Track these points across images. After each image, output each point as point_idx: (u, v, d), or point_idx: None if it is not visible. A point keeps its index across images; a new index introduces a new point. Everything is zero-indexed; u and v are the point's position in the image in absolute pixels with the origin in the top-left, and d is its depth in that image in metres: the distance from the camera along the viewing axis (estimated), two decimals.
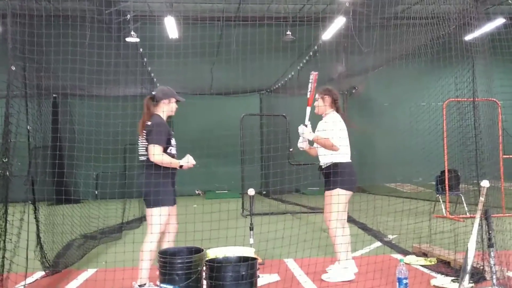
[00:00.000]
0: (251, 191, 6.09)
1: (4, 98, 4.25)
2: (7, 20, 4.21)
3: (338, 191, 4.82)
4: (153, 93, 4.58)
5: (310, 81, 5.05)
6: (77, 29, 5.82)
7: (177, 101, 4.65)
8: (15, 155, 4.33)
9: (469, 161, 5.50)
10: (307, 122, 5.02)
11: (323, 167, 5.01)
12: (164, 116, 4.56)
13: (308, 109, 5.05)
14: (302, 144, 5.11)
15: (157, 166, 4.33)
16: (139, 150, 4.48)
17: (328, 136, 4.89)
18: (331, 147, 4.87)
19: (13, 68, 4.20)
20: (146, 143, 4.36)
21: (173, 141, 4.51)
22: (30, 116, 4.77)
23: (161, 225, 4.35)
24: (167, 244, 4.48)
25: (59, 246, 5.74)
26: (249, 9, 14.60)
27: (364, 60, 12.22)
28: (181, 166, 4.40)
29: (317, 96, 5.15)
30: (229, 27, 12.59)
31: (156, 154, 4.26)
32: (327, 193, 4.93)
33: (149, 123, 4.41)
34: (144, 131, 4.39)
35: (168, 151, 4.42)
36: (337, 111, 5.15)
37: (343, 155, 4.93)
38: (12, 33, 4.25)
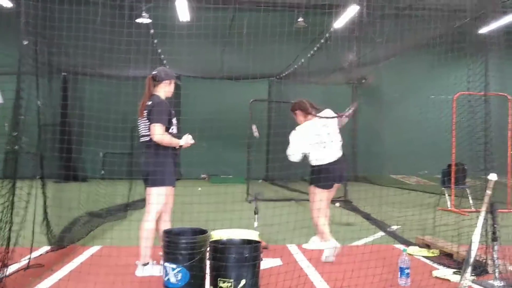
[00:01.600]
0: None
1: (15, 74, 4.27)
2: None
3: (313, 187, 5.44)
4: (154, 73, 4.56)
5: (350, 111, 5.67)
6: (89, 7, 5.80)
7: (175, 84, 4.67)
8: (24, 130, 4.37)
9: (477, 154, 5.46)
10: None
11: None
12: (163, 96, 4.55)
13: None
14: None
15: (158, 146, 4.33)
16: (141, 131, 4.47)
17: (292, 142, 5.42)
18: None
19: (25, 43, 4.20)
20: (148, 123, 4.35)
21: (174, 121, 4.52)
22: (40, 92, 4.79)
23: (160, 205, 4.39)
24: (164, 224, 4.51)
25: (65, 222, 5.81)
26: None
27: (375, 50, 12.11)
28: (180, 146, 4.41)
29: (292, 113, 5.67)
30: (241, 12, 12.50)
31: (157, 133, 4.27)
32: (309, 186, 5.58)
33: (149, 103, 4.41)
34: (145, 111, 4.39)
35: (170, 130, 4.43)
36: (315, 113, 5.54)
37: (315, 160, 5.38)
38: (26, 8, 4.24)
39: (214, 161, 15.29)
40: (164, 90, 4.55)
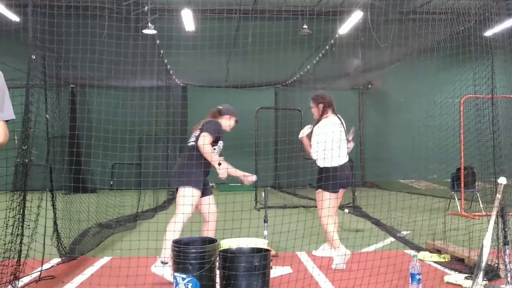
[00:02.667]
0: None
1: (24, 87, 4.33)
2: (28, 9, 4.27)
3: (320, 191, 5.31)
4: (220, 107, 5.09)
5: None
6: (95, 20, 5.87)
7: (235, 121, 5.13)
8: (33, 143, 4.42)
9: (486, 158, 5.43)
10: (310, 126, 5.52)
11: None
12: (224, 127, 5.03)
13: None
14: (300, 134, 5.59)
15: (195, 152, 4.67)
16: (189, 142, 4.91)
17: (313, 142, 5.29)
18: (309, 154, 5.37)
19: (33, 57, 4.26)
20: (199, 134, 4.75)
21: (220, 143, 4.92)
22: (49, 105, 4.85)
23: (190, 206, 4.57)
24: (207, 233, 4.70)
25: (75, 234, 5.84)
26: (265, 2, 14.55)
27: (380, 55, 12.11)
28: (219, 164, 4.73)
29: (311, 103, 5.56)
30: (245, 20, 12.57)
31: (202, 142, 4.63)
32: (316, 192, 5.46)
33: (208, 120, 4.92)
34: (201, 126, 4.82)
35: (213, 149, 4.78)
36: (334, 112, 5.47)
37: (328, 160, 5.24)
38: (33, 22, 4.31)
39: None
40: (224, 123, 5.01)
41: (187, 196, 4.58)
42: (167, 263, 4.46)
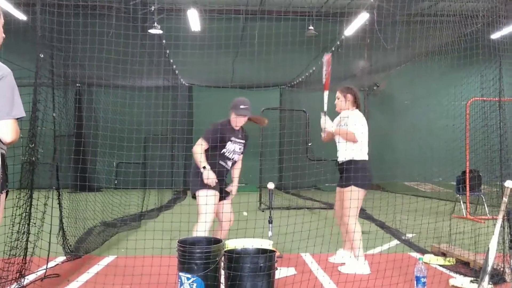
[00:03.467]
0: (270, 185, 6.14)
1: (31, 86, 4.35)
2: (37, 8, 4.29)
3: (351, 188, 4.86)
4: (235, 100, 4.85)
5: (324, 64, 5.03)
6: (103, 19, 5.89)
7: (240, 116, 4.78)
8: (40, 142, 4.44)
9: (492, 161, 5.41)
10: (326, 109, 5.06)
11: (340, 163, 5.08)
12: (231, 122, 4.82)
13: (326, 93, 5.00)
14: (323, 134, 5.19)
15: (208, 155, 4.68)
16: None
17: (353, 130, 4.91)
18: (352, 139, 4.89)
19: (42, 56, 4.28)
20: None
21: (229, 144, 4.78)
22: (56, 104, 4.87)
23: (210, 206, 4.55)
24: (220, 233, 4.75)
25: (81, 232, 5.85)
26: (272, 3, 14.55)
27: (387, 57, 12.08)
28: (204, 167, 4.62)
29: (338, 94, 5.23)
30: (251, 21, 12.57)
31: (194, 145, 4.71)
32: (343, 189, 4.96)
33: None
34: None
35: (223, 152, 4.76)
36: (358, 108, 5.20)
37: (361, 152, 4.98)
38: (41, 21, 4.33)
39: None
40: (232, 120, 4.82)
41: (202, 196, 4.60)
42: None
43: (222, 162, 4.80)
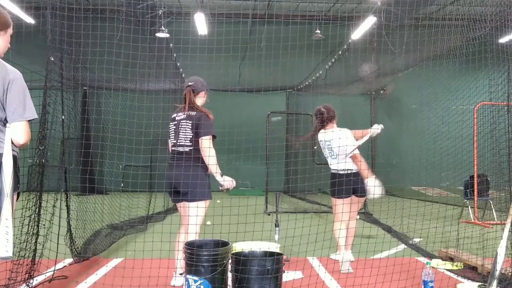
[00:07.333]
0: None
1: (41, 89, 4.39)
2: (47, 11, 4.33)
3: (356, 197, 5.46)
4: (192, 83, 4.57)
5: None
6: (111, 23, 5.94)
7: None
8: (49, 144, 4.47)
9: (500, 165, 5.38)
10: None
11: (347, 174, 5.32)
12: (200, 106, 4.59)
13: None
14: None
15: (199, 158, 4.34)
16: (179, 140, 4.45)
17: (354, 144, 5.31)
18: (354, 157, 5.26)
19: (52, 59, 4.32)
20: (190, 133, 4.37)
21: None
22: (65, 106, 4.91)
23: (201, 218, 4.45)
24: (183, 236, 4.52)
25: (88, 234, 5.88)
26: (278, 7, 14.58)
27: (393, 61, 12.07)
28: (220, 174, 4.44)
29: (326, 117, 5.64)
30: (258, 25, 12.61)
31: (206, 146, 4.30)
32: (358, 198, 5.42)
33: (193, 113, 4.44)
34: (189, 121, 4.40)
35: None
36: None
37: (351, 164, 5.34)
38: (52, 25, 4.37)
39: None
40: (201, 101, 4.62)
41: (199, 207, 4.36)
42: (182, 273, 4.35)
43: None
